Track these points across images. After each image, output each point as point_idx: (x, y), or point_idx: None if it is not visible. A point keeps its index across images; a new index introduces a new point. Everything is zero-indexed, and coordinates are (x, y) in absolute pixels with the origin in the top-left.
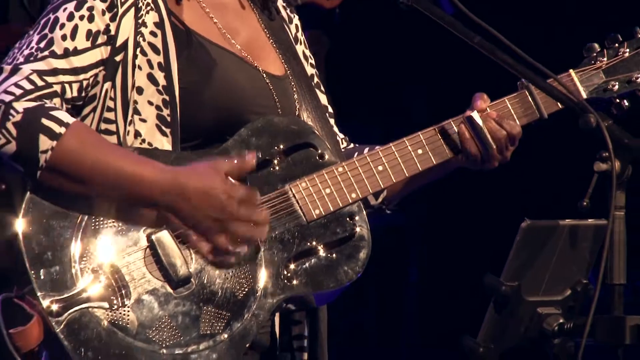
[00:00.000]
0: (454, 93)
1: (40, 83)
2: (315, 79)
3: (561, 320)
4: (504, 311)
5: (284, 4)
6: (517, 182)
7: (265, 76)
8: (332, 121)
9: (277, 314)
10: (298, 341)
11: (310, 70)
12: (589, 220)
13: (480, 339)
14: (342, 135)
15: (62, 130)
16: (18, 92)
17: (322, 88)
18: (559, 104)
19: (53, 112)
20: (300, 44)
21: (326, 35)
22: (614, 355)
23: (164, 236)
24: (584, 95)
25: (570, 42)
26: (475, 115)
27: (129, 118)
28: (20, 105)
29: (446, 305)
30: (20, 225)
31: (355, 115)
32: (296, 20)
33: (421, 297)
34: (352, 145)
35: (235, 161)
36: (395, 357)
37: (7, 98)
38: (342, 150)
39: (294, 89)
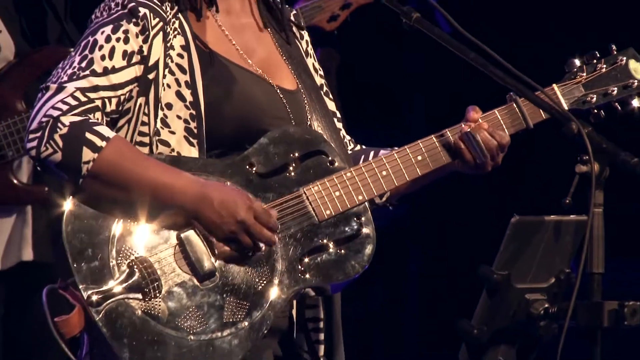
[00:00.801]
0: (450, 102)
1: (83, 99)
2: (325, 88)
3: (546, 305)
4: (496, 297)
5: (295, 21)
6: (508, 182)
7: (279, 91)
8: (339, 125)
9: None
10: (314, 323)
11: (319, 81)
12: (571, 216)
13: (475, 322)
14: (349, 137)
15: (103, 144)
16: (64, 107)
17: (331, 96)
18: (543, 115)
19: (96, 127)
20: (310, 57)
21: (337, 52)
22: (593, 337)
23: (192, 235)
24: (565, 107)
25: (554, 58)
26: (470, 127)
27: (162, 132)
28: (66, 120)
29: (444, 292)
30: (63, 224)
31: (362, 122)
32: (306, 36)
33: (421, 286)
34: (358, 147)
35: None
36: (398, 340)
37: (55, 113)
38: (350, 152)
39: (305, 101)
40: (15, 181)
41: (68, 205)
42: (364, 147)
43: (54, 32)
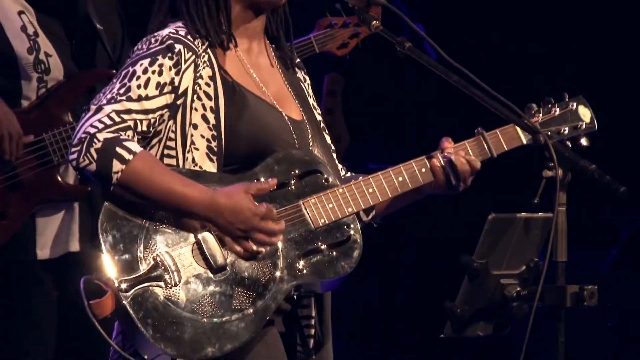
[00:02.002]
0: (437, 120)
1: (117, 119)
2: (322, 125)
3: (518, 289)
4: (475, 282)
5: (299, 68)
6: (485, 186)
7: (287, 119)
8: (334, 155)
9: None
10: (306, 320)
11: (319, 118)
12: (539, 213)
13: (457, 303)
14: (341, 166)
15: (131, 157)
16: (100, 126)
17: (327, 131)
18: (505, 146)
19: (125, 143)
20: (311, 97)
21: (343, 77)
22: (557, 315)
23: (207, 235)
24: (524, 142)
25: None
26: (444, 153)
27: (187, 147)
28: (101, 136)
29: (433, 278)
30: (99, 224)
31: (362, 137)
32: (308, 80)
33: (415, 273)
34: (349, 173)
35: (261, 184)
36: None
37: (92, 130)
38: (342, 177)
39: (308, 130)
40: (61, 181)
41: (104, 207)
42: (353, 174)
43: (100, 57)
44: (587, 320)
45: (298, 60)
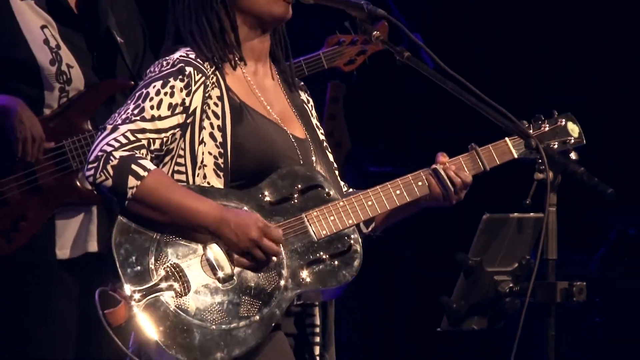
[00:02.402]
0: (436, 125)
1: (132, 138)
2: (324, 143)
3: (511, 285)
4: (470, 278)
5: (302, 90)
6: (481, 189)
7: (292, 138)
8: (337, 172)
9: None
10: (311, 329)
11: (321, 137)
12: (531, 214)
13: (454, 298)
14: (343, 182)
15: (145, 174)
16: (116, 144)
17: (329, 149)
18: (497, 160)
19: (140, 161)
20: (314, 117)
21: (344, 84)
22: (548, 310)
23: (215, 247)
24: (515, 156)
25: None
26: (440, 168)
27: (197, 164)
28: (117, 154)
29: (431, 274)
30: (113, 238)
31: (363, 141)
32: (311, 102)
33: (414, 271)
34: (350, 189)
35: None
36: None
37: (109, 149)
38: (344, 192)
39: (311, 148)
40: (79, 186)
41: (117, 222)
42: (353, 189)
43: (120, 68)
44: (576, 315)
45: (302, 83)
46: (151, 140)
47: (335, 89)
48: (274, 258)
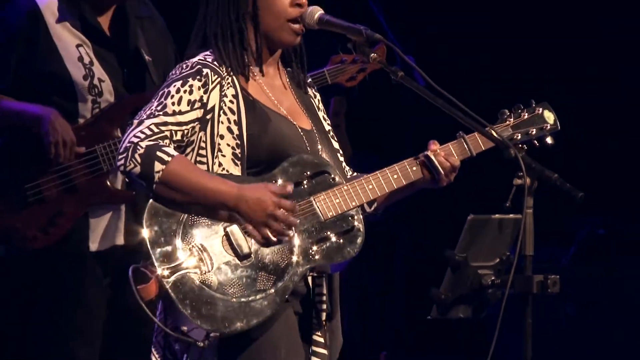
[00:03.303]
0: (429, 135)
1: (156, 130)
2: (331, 133)
3: (493, 278)
4: (457, 272)
5: (310, 86)
6: (466, 192)
7: (299, 129)
8: (341, 158)
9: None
10: (319, 297)
11: (327, 127)
12: (510, 215)
13: (442, 289)
14: (348, 168)
15: (169, 159)
16: (142, 136)
17: (335, 138)
18: (482, 146)
19: (164, 148)
20: (321, 110)
21: (345, 99)
22: (525, 301)
23: (235, 228)
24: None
25: (494, 104)
26: (431, 154)
27: (216, 154)
28: (143, 144)
29: (422, 270)
30: (144, 220)
31: (362, 147)
32: (318, 96)
33: (407, 266)
34: (355, 173)
35: (281, 187)
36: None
37: (136, 140)
38: (348, 177)
39: (317, 138)
40: (110, 186)
41: (148, 205)
42: (357, 173)
43: (148, 83)
44: (550, 304)
45: (310, 80)
46: (173, 132)
47: (337, 103)
48: (289, 232)
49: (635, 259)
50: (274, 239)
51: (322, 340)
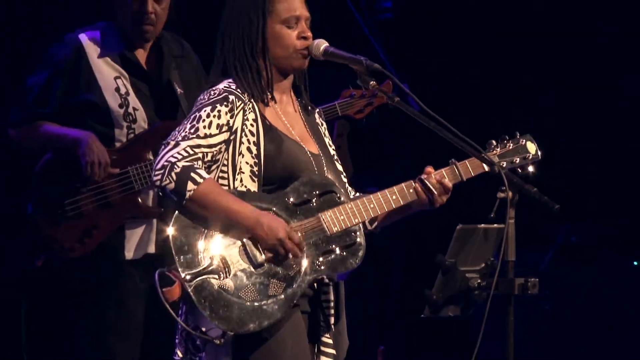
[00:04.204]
0: (425, 155)
1: (191, 152)
2: (335, 157)
3: (479, 280)
4: (447, 275)
5: (319, 115)
6: (455, 204)
7: (309, 153)
8: (345, 180)
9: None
10: (326, 303)
11: (332, 152)
12: (494, 225)
13: (434, 291)
14: (350, 188)
15: (201, 181)
16: (179, 157)
17: (340, 162)
18: (472, 172)
19: (197, 170)
20: (327, 137)
21: (348, 123)
22: (508, 301)
23: (250, 240)
24: (486, 168)
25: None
26: (425, 178)
27: (237, 171)
28: (180, 164)
29: (415, 273)
30: (170, 230)
31: (362, 168)
32: (324, 125)
33: (403, 267)
34: (357, 194)
35: (293, 225)
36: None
37: (173, 160)
38: (351, 196)
39: (324, 161)
40: (141, 203)
41: (174, 218)
42: (360, 193)
43: (179, 113)
44: (530, 304)
45: (318, 109)
46: (205, 154)
47: (340, 126)
48: (293, 254)
49: (604, 263)
50: (280, 260)
51: (330, 341)
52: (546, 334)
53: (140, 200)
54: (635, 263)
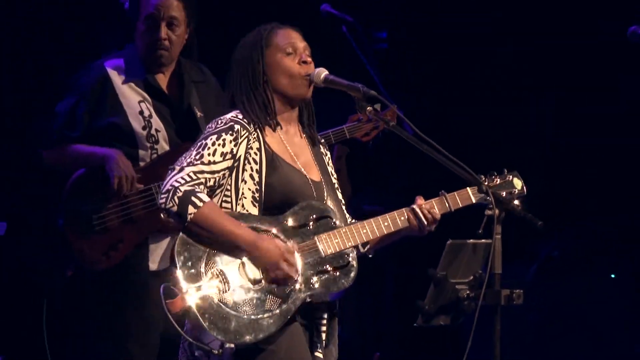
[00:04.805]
0: (416, 177)
1: (194, 177)
2: (336, 185)
3: (468, 292)
4: (439, 287)
5: (323, 145)
6: (446, 221)
7: (310, 180)
8: (343, 207)
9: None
10: (320, 320)
11: (333, 180)
12: (482, 240)
13: (426, 302)
14: (348, 215)
15: (201, 204)
16: (182, 181)
17: (340, 190)
18: (460, 203)
19: (198, 194)
20: (330, 166)
21: (347, 147)
22: (495, 311)
23: (248, 259)
24: (474, 201)
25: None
26: (416, 207)
27: (239, 196)
28: (182, 188)
29: (408, 285)
30: (175, 248)
31: (359, 188)
32: (328, 155)
33: (395, 283)
34: (353, 220)
35: (289, 245)
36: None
37: (176, 184)
38: (348, 222)
39: (324, 188)
40: (163, 218)
41: (179, 238)
42: (355, 220)
43: (198, 134)
44: (515, 314)
45: (322, 140)
46: (207, 179)
47: (340, 150)
48: (289, 278)
49: (582, 275)
50: (274, 281)
51: (320, 355)
52: (530, 340)
53: (162, 215)
54: (613, 276)
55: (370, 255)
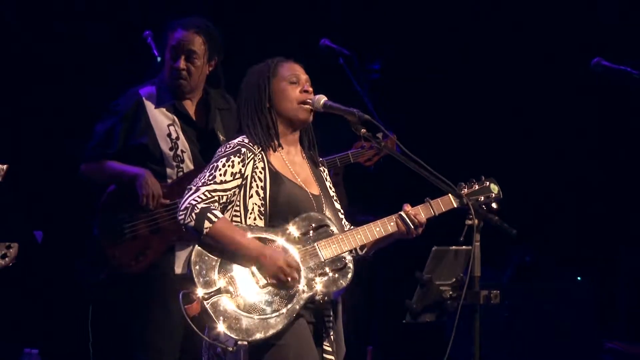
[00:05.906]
0: (407, 190)
1: (209, 196)
2: (335, 198)
3: (450, 292)
4: (424, 288)
5: (322, 164)
6: (431, 230)
7: (310, 194)
8: (342, 217)
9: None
10: (327, 317)
11: (332, 194)
12: (463, 246)
13: (414, 301)
14: (346, 222)
15: (215, 220)
16: (199, 200)
17: (338, 201)
18: (443, 208)
19: (213, 211)
20: (328, 182)
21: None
22: (474, 309)
23: (256, 267)
24: (455, 205)
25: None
26: (404, 213)
27: (248, 211)
28: (199, 206)
29: (398, 287)
30: (192, 258)
31: (354, 201)
32: (326, 172)
33: (386, 288)
34: (351, 227)
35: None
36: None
37: (194, 202)
38: (345, 229)
39: (323, 201)
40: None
41: (195, 249)
42: (353, 227)
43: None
44: (492, 312)
45: (321, 160)
46: (220, 196)
47: (337, 168)
48: (292, 279)
49: (552, 278)
50: (280, 284)
51: (329, 349)
52: (505, 334)
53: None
54: (579, 278)
55: (369, 257)
